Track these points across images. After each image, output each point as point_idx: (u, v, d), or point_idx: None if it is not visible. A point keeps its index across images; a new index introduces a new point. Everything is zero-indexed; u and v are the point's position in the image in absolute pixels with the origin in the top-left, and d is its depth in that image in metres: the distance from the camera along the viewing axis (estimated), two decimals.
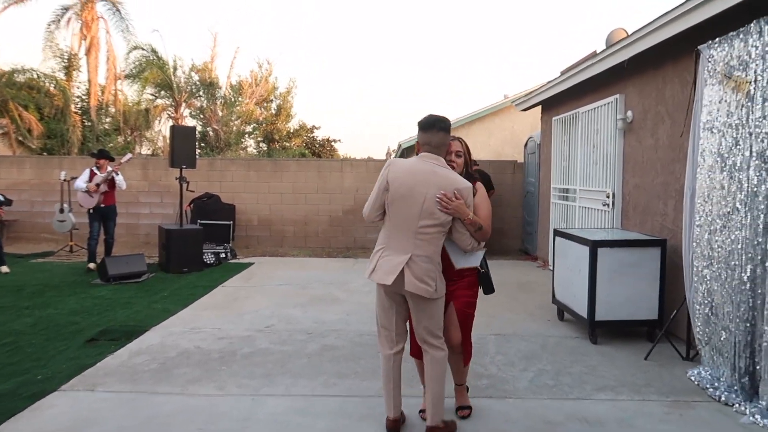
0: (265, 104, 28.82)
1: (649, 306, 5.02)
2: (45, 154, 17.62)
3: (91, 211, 8.36)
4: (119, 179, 8.38)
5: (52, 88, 16.27)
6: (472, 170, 3.39)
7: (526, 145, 11.23)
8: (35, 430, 3.31)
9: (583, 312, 5.13)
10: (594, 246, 4.96)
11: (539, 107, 9.64)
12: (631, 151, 6.14)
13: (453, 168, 3.22)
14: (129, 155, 8.83)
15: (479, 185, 3.25)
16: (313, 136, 29.58)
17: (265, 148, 27.45)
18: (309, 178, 11.36)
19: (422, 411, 3.45)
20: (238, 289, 7.21)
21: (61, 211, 9.51)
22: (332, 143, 29.72)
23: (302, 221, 11.37)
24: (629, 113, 6.12)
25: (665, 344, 4.77)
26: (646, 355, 4.65)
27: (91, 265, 8.40)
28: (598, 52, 6.43)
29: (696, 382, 4.07)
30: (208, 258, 8.89)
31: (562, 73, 7.65)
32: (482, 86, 52.90)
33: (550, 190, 8.77)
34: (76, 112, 17.77)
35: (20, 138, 17.88)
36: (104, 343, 4.90)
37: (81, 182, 8.25)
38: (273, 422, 3.43)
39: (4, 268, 8.06)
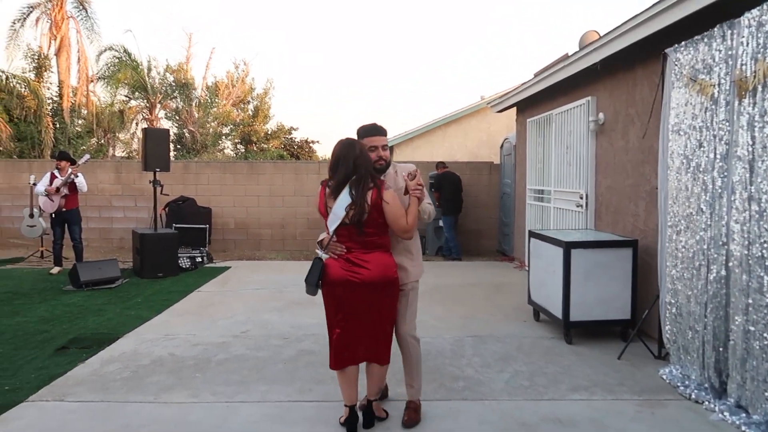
0: (242, 105, 28.55)
1: (621, 306, 5.09)
2: (15, 157, 17.24)
3: (53, 215, 8.21)
4: (79, 181, 8.21)
5: (22, 90, 15.91)
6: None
7: (502, 146, 11.31)
8: None
9: (557, 313, 5.18)
10: (567, 247, 5.01)
11: (515, 108, 9.72)
12: (602, 153, 6.22)
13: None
14: (87, 156, 8.65)
15: None
16: (291, 138, 29.36)
17: (243, 150, 27.19)
18: (286, 181, 11.31)
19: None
20: (214, 294, 7.13)
21: (31, 216, 9.32)
22: (311, 144, 29.54)
23: (280, 224, 11.31)
24: (601, 115, 6.20)
25: (638, 343, 4.85)
26: (619, 354, 4.71)
27: (54, 270, 8.31)
28: (570, 54, 6.50)
29: (667, 381, 4.13)
30: (184, 262, 8.79)
31: (536, 75, 7.73)
32: (460, 87, 53.11)
33: (525, 191, 8.85)
34: (47, 114, 17.40)
35: None
36: (75, 352, 4.81)
37: (41, 186, 8.13)
38: (247, 430, 3.40)
39: None
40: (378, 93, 51.73)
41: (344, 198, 3.21)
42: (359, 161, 3.24)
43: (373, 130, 3.45)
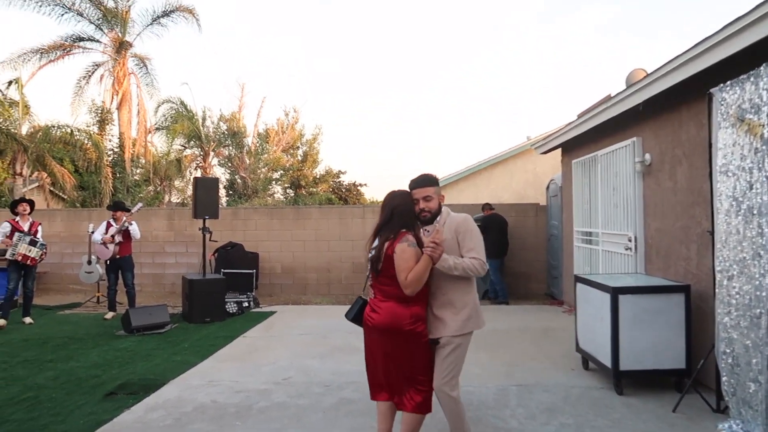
0: (291, 151, 29.38)
1: (675, 355, 4.84)
2: (78, 206, 18.17)
3: (108, 262, 8.56)
4: (133, 229, 8.57)
5: (86, 142, 16.88)
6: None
7: (548, 187, 11.16)
8: None
9: (607, 361, 4.97)
10: (615, 293, 4.84)
11: (560, 149, 9.62)
12: (650, 194, 6.04)
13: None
14: (139, 205, 9.04)
15: None
16: (339, 181, 29.87)
17: (292, 194, 27.81)
18: (331, 225, 11.44)
19: None
20: (258, 340, 7.19)
21: (89, 262, 9.72)
22: (358, 188, 29.92)
23: (325, 268, 11.40)
24: (647, 156, 6.06)
25: (694, 395, 4.58)
26: (674, 407, 4.46)
27: (108, 316, 8.60)
28: (612, 95, 6.42)
29: None
30: (231, 307, 8.93)
31: (579, 117, 7.65)
32: (505, 128, 53.14)
33: (573, 233, 8.65)
34: (107, 164, 18.35)
35: (54, 190, 18.55)
36: (122, 397, 4.91)
37: (98, 235, 8.53)
38: None
39: (28, 319, 8.25)
40: (424, 135, 52.27)
41: (374, 244, 3.36)
42: (396, 210, 3.35)
43: (414, 183, 3.46)
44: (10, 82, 17.24)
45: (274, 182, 27.80)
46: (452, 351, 3.33)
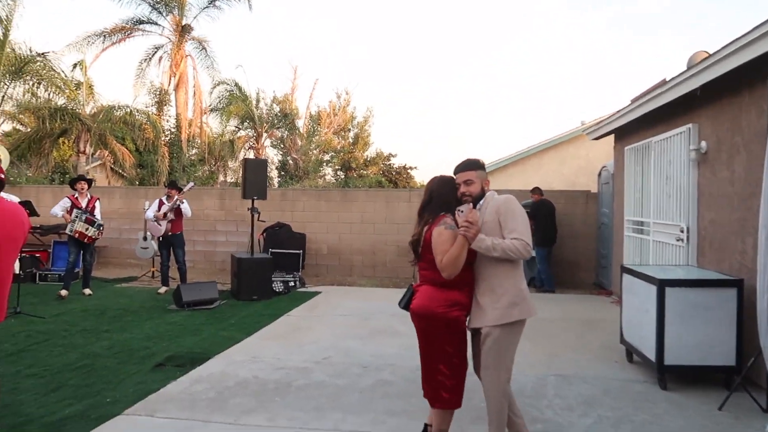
0: (342, 133, 29.55)
1: (725, 351, 4.66)
2: (137, 183, 18.89)
3: (160, 239, 8.87)
4: (184, 207, 8.82)
5: (144, 122, 17.48)
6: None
7: (599, 174, 10.85)
8: None
9: (651, 355, 4.84)
10: (661, 285, 4.69)
11: (612, 135, 9.32)
12: (705, 184, 5.79)
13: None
14: (191, 184, 9.29)
15: None
16: (389, 164, 29.86)
17: (343, 177, 28.03)
18: (377, 208, 11.50)
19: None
20: (302, 319, 7.35)
21: (144, 238, 10.12)
22: (408, 170, 29.84)
23: (370, 251, 11.49)
24: (703, 144, 5.80)
25: (743, 394, 4.40)
26: (720, 405, 4.31)
27: (161, 290, 8.94)
28: (668, 79, 6.16)
29: None
30: (277, 286, 9.14)
31: (633, 102, 7.38)
32: (560, 112, 51.71)
33: (623, 222, 8.40)
34: (164, 144, 18.93)
35: (115, 168, 19.33)
36: (170, 369, 5.13)
37: (150, 212, 8.84)
38: None
39: (87, 291, 8.68)
40: (476, 119, 51.59)
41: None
42: (435, 194, 3.34)
43: (457, 167, 3.42)
44: (75, 64, 17.98)
45: (325, 164, 28.09)
46: (494, 343, 3.17)
